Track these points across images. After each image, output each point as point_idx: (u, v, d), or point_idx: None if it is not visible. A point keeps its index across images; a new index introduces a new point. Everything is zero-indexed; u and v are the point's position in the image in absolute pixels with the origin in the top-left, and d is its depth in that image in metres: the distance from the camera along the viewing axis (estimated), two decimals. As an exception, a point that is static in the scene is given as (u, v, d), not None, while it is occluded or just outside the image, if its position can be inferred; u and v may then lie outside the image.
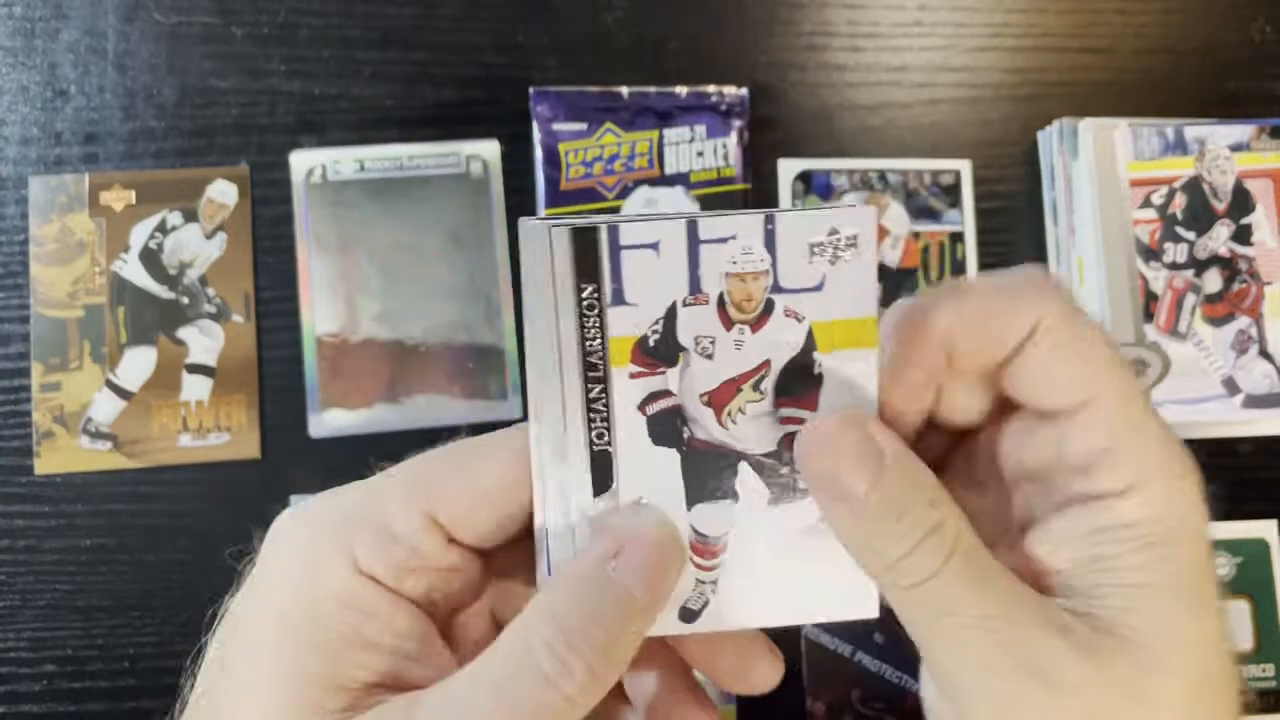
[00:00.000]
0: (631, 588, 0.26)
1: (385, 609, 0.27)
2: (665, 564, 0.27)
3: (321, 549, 0.27)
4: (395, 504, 0.27)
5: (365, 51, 0.56)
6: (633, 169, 0.55)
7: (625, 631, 0.26)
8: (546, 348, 0.27)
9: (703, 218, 0.26)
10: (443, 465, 0.28)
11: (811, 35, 0.58)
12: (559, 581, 0.27)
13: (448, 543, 0.28)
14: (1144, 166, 0.55)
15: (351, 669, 0.26)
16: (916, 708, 0.55)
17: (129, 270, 0.54)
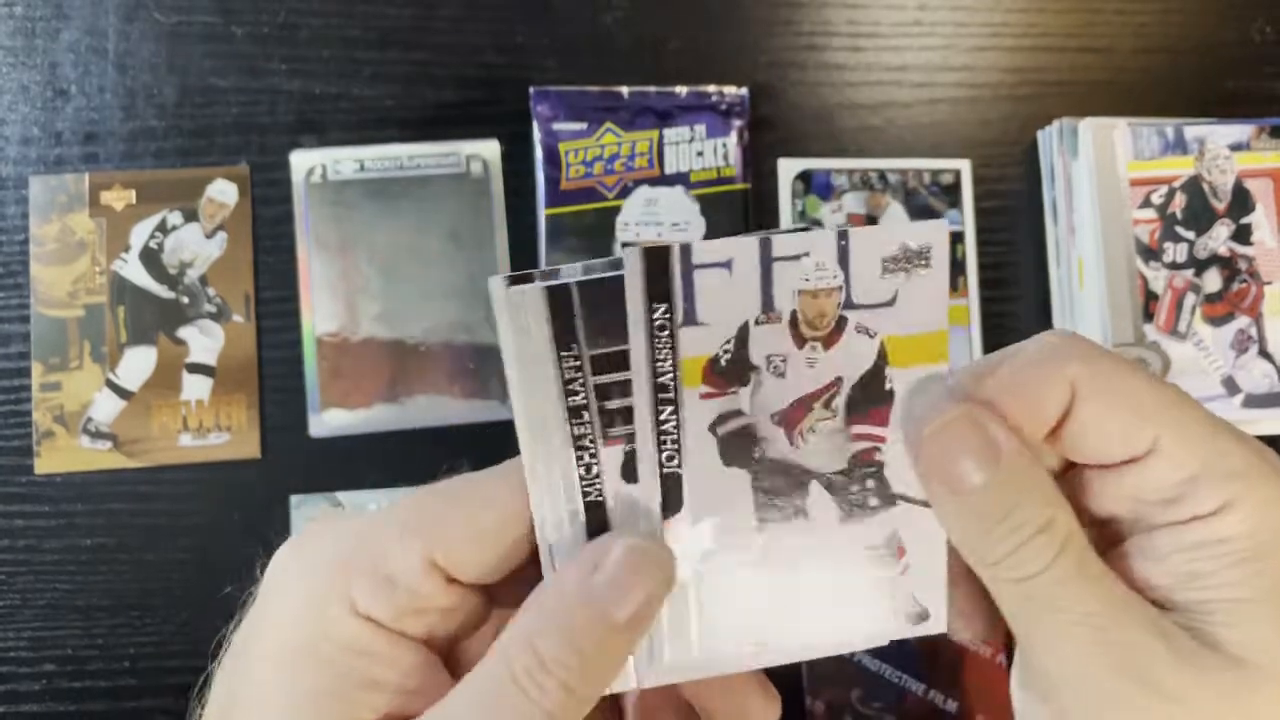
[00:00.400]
0: (609, 606, 0.26)
1: (387, 650, 0.27)
2: (649, 580, 0.26)
3: (321, 591, 0.27)
4: (394, 546, 0.27)
5: (365, 51, 0.56)
6: (633, 169, 0.55)
7: (601, 650, 0.26)
8: (542, 390, 0.26)
9: (776, 235, 0.26)
10: (440, 505, 0.28)
11: (811, 35, 0.58)
12: (538, 599, 0.27)
13: (448, 583, 0.28)
14: (1144, 166, 0.55)
15: (356, 709, 0.26)
16: (916, 708, 0.55)
17: (129, 270, 0.54)
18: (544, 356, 0.26)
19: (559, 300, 0.26)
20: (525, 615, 0.26)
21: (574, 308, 0.26)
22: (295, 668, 0.26)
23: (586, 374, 0.27)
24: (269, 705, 0.26)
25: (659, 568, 0.27)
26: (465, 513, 0.28)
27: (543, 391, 0.27)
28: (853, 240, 0.26)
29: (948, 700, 0.54)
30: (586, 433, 0.27)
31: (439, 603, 0.28)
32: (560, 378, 0.27)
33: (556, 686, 0.25)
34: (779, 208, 0.57)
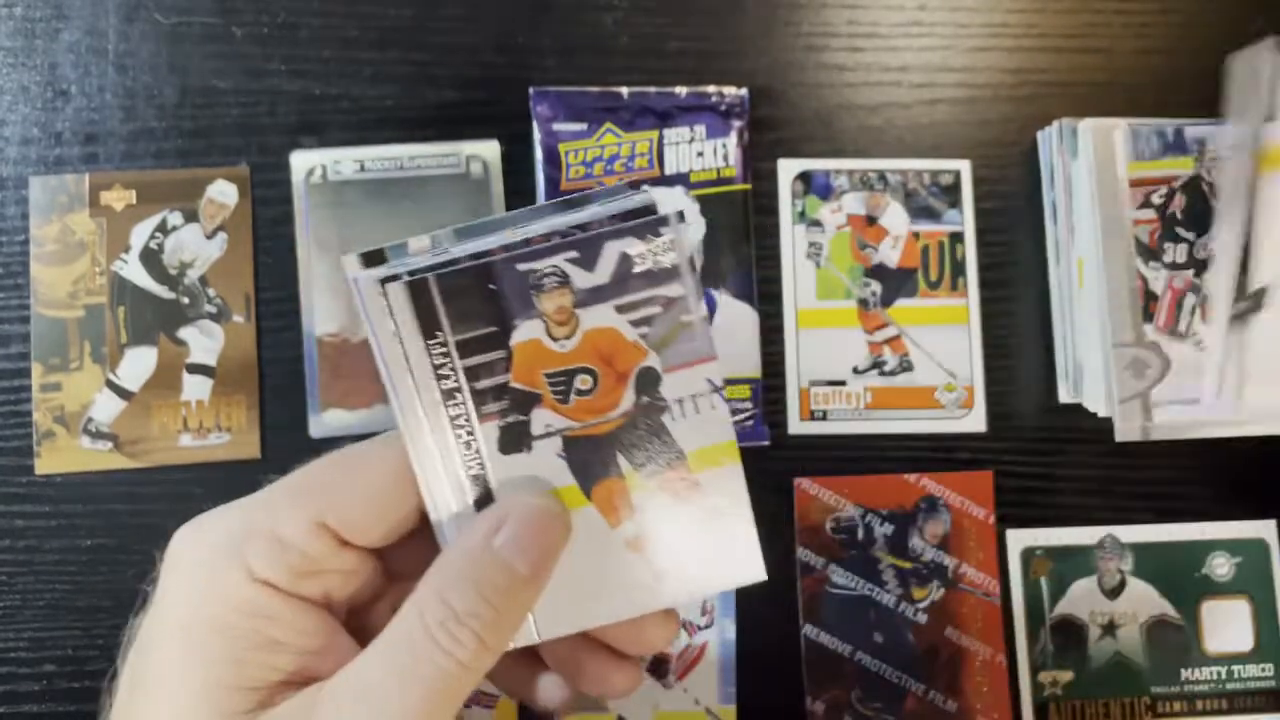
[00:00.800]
0: (513, 561, 0.27)
1: (285, 612, 0.28)
2: (547, 535, 0.28)
3: (216, 562, 0.28)
4: (284, 512, 0.28)
5: (365, 52, 0.56)
6: (633, 169, 0.55)
7: (511, 603, 0.27)
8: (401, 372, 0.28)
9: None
10: (329, 472, 0.29)
11: (811, 35, 0.58)
12: (446, 558, 0.28)
13: (340, 546, 0.29)
14: (1144, 166, 0.55)
15: (259, 670, 0.27)
16: (916, 708, 0.55)
17: (129, 270, 0.54)
18: (414, 344, 0.28)
19: (420, 291, 0.27)
20: (433, 573, 0.27)
21: (434, 297, 0.27)
22: (193, 639, 0.27)
23: (454, 358, 0.28)
24: (169, 679, 0.27)
25: (558, 522, 0.28)
26: (352, 476, 0.29)
27: (416, 377, 0.28)
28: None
29: (948, 700, 0.54)
30: (461, 412, 0.28)
31: (332, 564, 0.29)
32: (431, 364, 0.28)
33: (470, 637, 0.26)
34: (779, 208, 0.57)
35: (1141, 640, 0.55)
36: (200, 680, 0.27)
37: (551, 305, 0.28)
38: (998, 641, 0.55)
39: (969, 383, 0.56)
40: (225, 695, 0.27)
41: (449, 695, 0.26)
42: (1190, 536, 0.56)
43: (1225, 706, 0.55)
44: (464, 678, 0.26)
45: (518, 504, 0.28)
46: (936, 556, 0.55)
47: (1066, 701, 0.55)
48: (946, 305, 0.57)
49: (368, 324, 0.28)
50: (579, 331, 0.28)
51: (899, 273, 0.57)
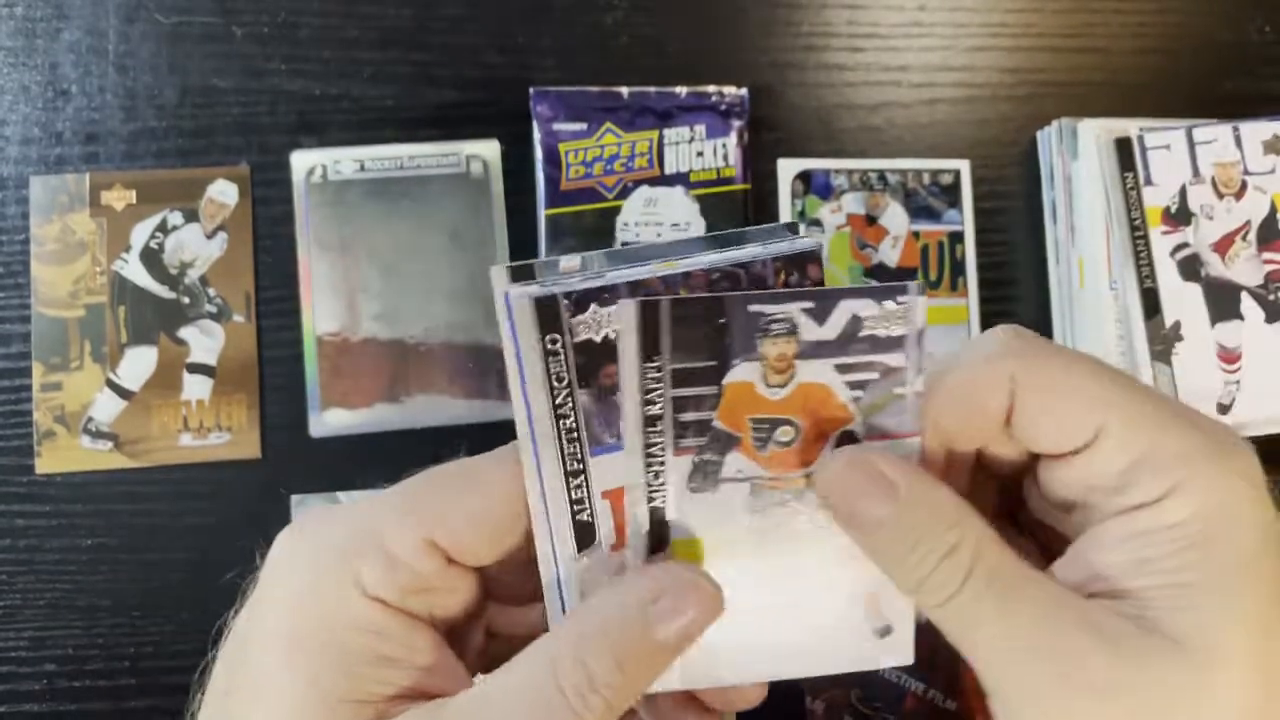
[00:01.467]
0: (663, 635, 0.26)
1: (395, 628, 0.27)
2: (703, 615, 0.27)
3: (326, 573, 0.27)
4: (395, 528, 0.28)
5: (366, 51, 0.56)
6: (633, 169, 0.55)
7: (648, 674, 0.27)
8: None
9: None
10: (438, 488, 0.29)
11: (811, 35, 0.58)
12: (591, 615, 0.27)
13: (447, 564, 0.28)
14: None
15: (371, 684, 0.27)
16: (916, 708, 0.55)
17: (130, 270, 0.54)
18: (538, 360, 0.27)
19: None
20: (575, 626, 0.27)
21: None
22: (302, 648, 0.27)
23: (667, 385, 0.27)
24: (276, 686, 0.27)
25: (714, 603, 0.27)
26: (462, 495, 0.28)
27: (540, 395, 0.27)
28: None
29: (948, 700, 0.54)
30: (660, 442, 0.27)
31: (439, 583, 0.28)
32: (640, 387, 0.27)
33: (600, 703, 0.26)
34: (779, 208, 0.57)
35: (1141, 640, 0.55)
36: (310, 690, 0.26)
37: (775, 351, 0.27)
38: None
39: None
40: (336, 707, 0.26)
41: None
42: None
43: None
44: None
45: (678, 577, 0.27)
46: (936, 556, 0.55)
47: (1066, 701, 0.55)
48: (946, 305, 0.57)
49: (517, 342, 0.27)
50: (793, 382, 0.27)
51: (899, 273, 0.57)
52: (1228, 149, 0.51)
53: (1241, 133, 0.53)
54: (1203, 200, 0.52)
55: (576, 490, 0.28)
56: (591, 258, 0.28)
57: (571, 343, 0.27)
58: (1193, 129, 0.55)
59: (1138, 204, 0.48)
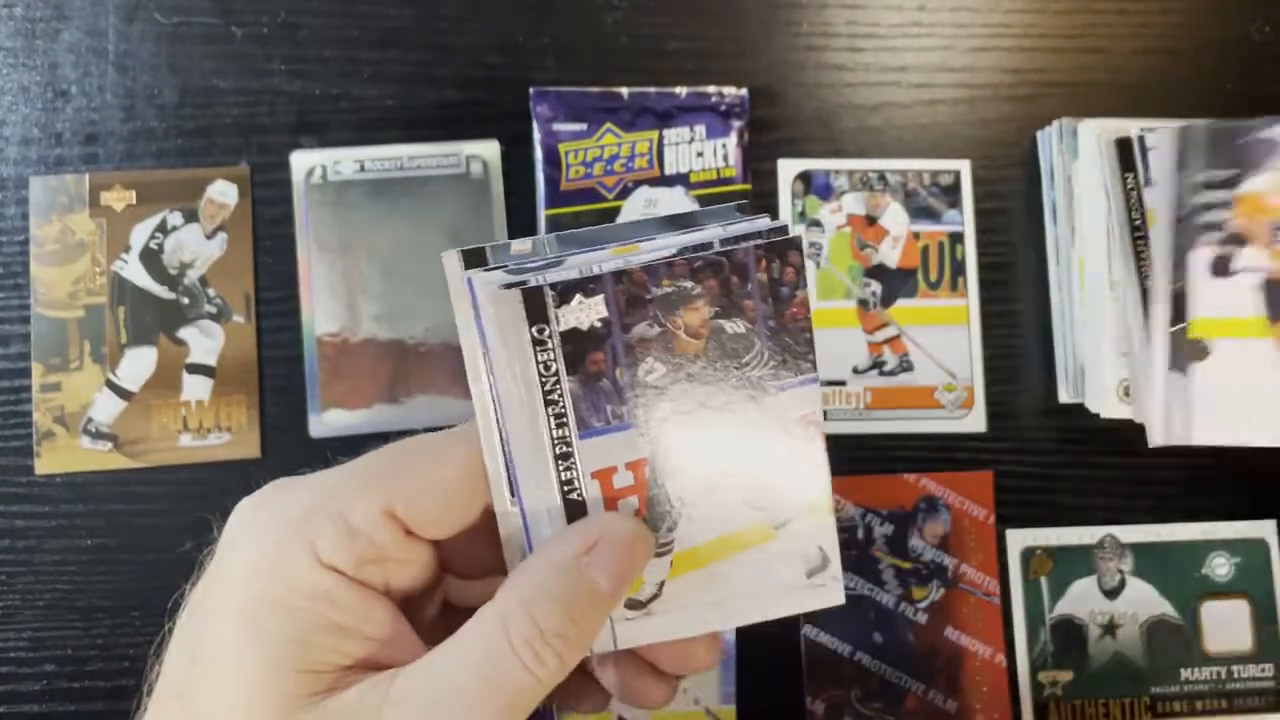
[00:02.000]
0: (602, 583, 0.27)
1: (350, 598, 0.28)
2: (637, 560, 0.28)
3: (283, 542, 0.28)
4: (354, 498, 0.28)
5: (366, 51, 0.56)
6: (633, 169, 0.55)
7: (595, 624, 0.28)
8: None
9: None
10: (400, 461, 0.29)
11: (811, 35, 0.58)
12: (533, 573, 0.28)
13: (406, 536, 0.29)
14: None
15: (325, 654, 0.27)
16: (916, 708, 0.55)
17: (129, 270, 0.54)
18: (522, 349, 0.28)
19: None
20: (520, 584, 0.28)
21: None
22: (257, 618, 0.27)
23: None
24: (232, 657, 0.27)
25: (646, 546, 0.29)
26: (423, 468, 0.29)
27: (520, 380, 0.28)
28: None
29: (948, 700, 0.54)
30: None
31: (397, 554, 0.29)
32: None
33: (553, 656, 0.26)
34: (779, 208, 0.57)
35: (1141, 640, 0.55)
36: (265, 660, 0.27)
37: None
38: (998, 641, 0.55)
39: (969, 383, 0.56)
40: (290, 676, 0.27)
41: (524, 707, 0.27)
42: (1190, 536, 0.56)
43: (1225, 706, 0.55)
44: (539, 691, 0.27)
45: (612, 526, 0.28)
46: (936, 556, 0.55)
47: (1066, 701, 0.55)
48: (946, 305, 0.57)
49: (479, 320, 0.28)
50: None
51: (899, 273, 0.57)
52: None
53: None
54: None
55: (566, 472, 0.29)
56: (542, 240, 0.29)
57: (559, 331, 0.28)
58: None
59: (1138, 204, 0.48)
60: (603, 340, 0.28)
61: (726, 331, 0.29)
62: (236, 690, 0.26)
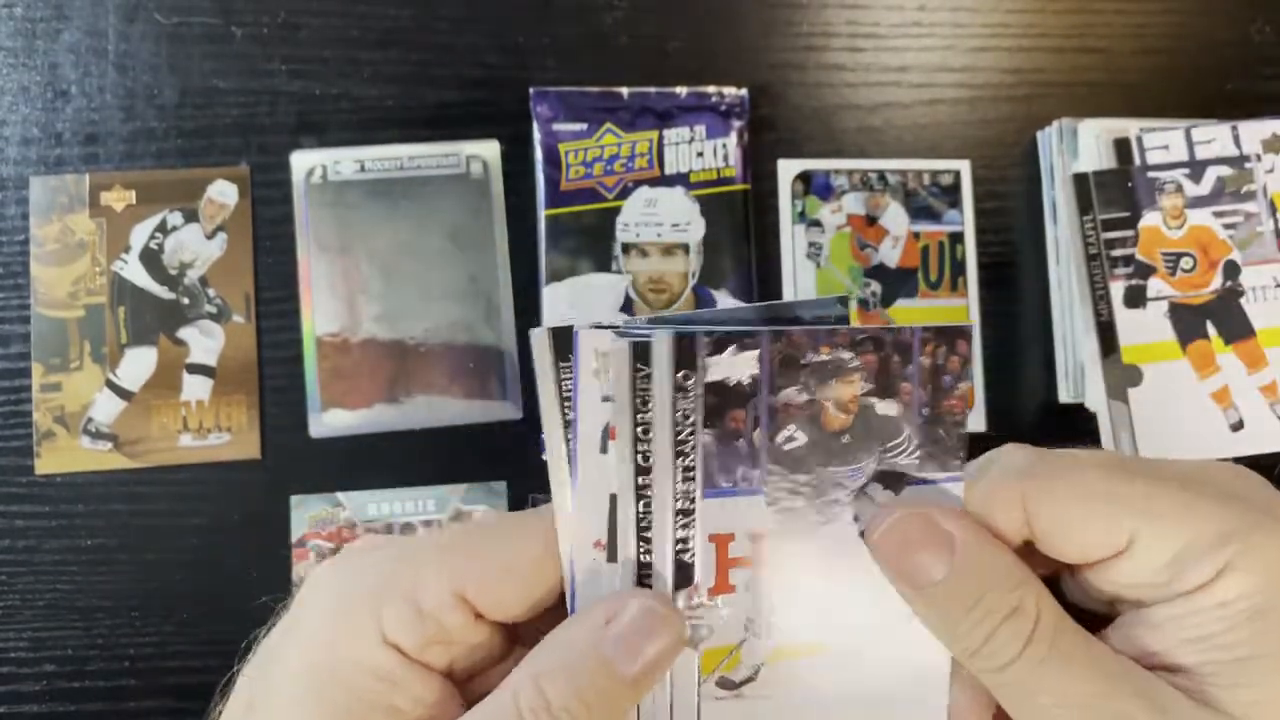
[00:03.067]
0: (618, 663, 0.26)
1: (408, 678, 0.27)
2: (659, 642, 0.26)
3: (351, 614, 0.28)
4: (426, 578, 0.28)
5: (366, 52, 0.56)
6: (633, 169, 0.55)
7: (606, 703, 0.26)
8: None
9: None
10: (475, 541, 0.29)
11: (811, 35, 0.58)
12: (550, 642, 0.27)
13: (474, 619, 0.28)
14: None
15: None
16: (916, 707, 0.55)
17: (129, 270, 0.54)
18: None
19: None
20: (536, 654, 0.27)
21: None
22: (317, 685, 0.27)
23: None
24: (287, 714, 0.27)
25: (671, 630, 0.27)
26: (498, 551, 0.28)
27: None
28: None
29: (947, 700, 0.54)
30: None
31: (464, 637, 0.28)
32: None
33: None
34: (779, 208, 0.57)
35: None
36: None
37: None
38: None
39: (969, 383, 0.56)
40: None
41: None
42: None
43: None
44: None
45: (635, 601, 0.27)
46: (936, 556, 0.55)
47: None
48: (946, 305, 0.57)
49: (575, 376, 0.27)
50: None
51: (899, 273, 0.57)
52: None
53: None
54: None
55: (682, 529, 0.27)
56: (634, 321, 0.27)
57: (704, 380, 0.26)
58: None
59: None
60: (747, 399, 0.27)
61: (876, 412, 0.27)
62: None
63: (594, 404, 0.27)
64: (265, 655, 0.29)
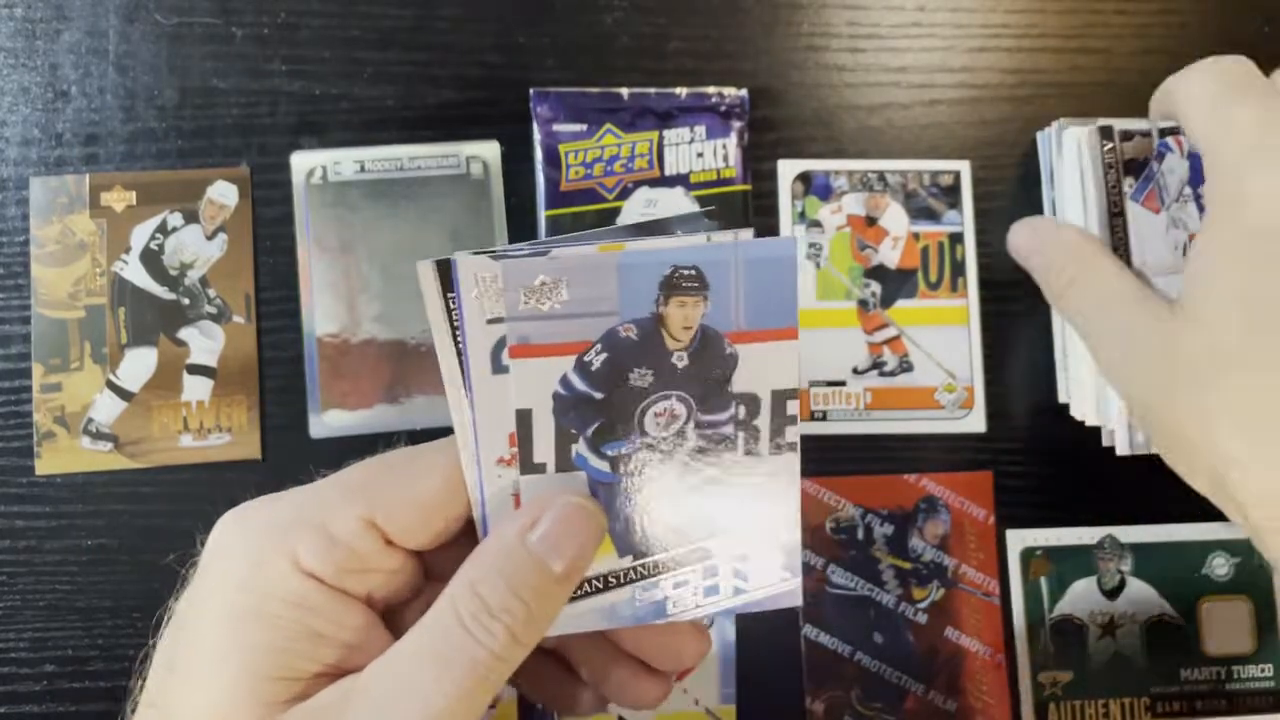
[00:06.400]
0: (546, 558, 0.28)
1: (328, 605, 0.28)
2: (582, 535, 0.28)
3: (264, 550, 0.28)
4: (335, 508, 0.29)
5: (366, 52, 0.56)
6: (633, 170, 0.55)
7: (541, 599, 0.28)
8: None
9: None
10: (382, 473, 0.30)
11: (811, 36, 0.58)
12: (480, 551, 0.28)
13: (386, 545, 0.29)
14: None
15: (298, 661, 0.27)
16: (916, 708, 0.55)
17: (130, 271, 0.54)
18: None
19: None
20: (468, 565, 0.28)
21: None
22: (236, 626, 0.27)
23: None
24: (210, 664, 0.27)
25: (592, 521, 0.29)
26: (404, 480, 0.29)
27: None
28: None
29: (948, 700, 0.54)
30: None
31: (377, 564, 0.29)
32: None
33: (502, 630, 0.27)
34: (779, 208, 0.57)
35: (1141, 640, 0.55)
36: (240, 666, 0.27)
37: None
38: (998, 642, 0.55)
39: (969, 383, 0.56)
40: (264, 684, 0.27)
41: (483, 684, 0.26)
42: (1190, 536, 0.56)
43: (1225, 707, 0.55)
44: (497, 668, 0.27)
45: (554, 501, 0.28)
46: (936, 557, 0.55)
47: (1066, 701, 0.55)
48: (946, 306, 0.57)
49: (452, 304, 0.28)
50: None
51: (899, 273, 0.57)
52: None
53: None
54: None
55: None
56: (513, 247, 0.29)
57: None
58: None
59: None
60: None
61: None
62: (211, 697, 0.27)
63: (479, 327, 0.28)
64: (180, 614, 0.29)
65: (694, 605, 0.31)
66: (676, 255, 0.29)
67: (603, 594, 0.30)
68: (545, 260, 0.28)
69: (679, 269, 0.28)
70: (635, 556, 0.30)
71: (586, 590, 0.30)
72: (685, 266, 0.28)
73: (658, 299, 0.29)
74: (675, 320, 0.29)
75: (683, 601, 0.31)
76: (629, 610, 0.31)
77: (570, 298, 0.28)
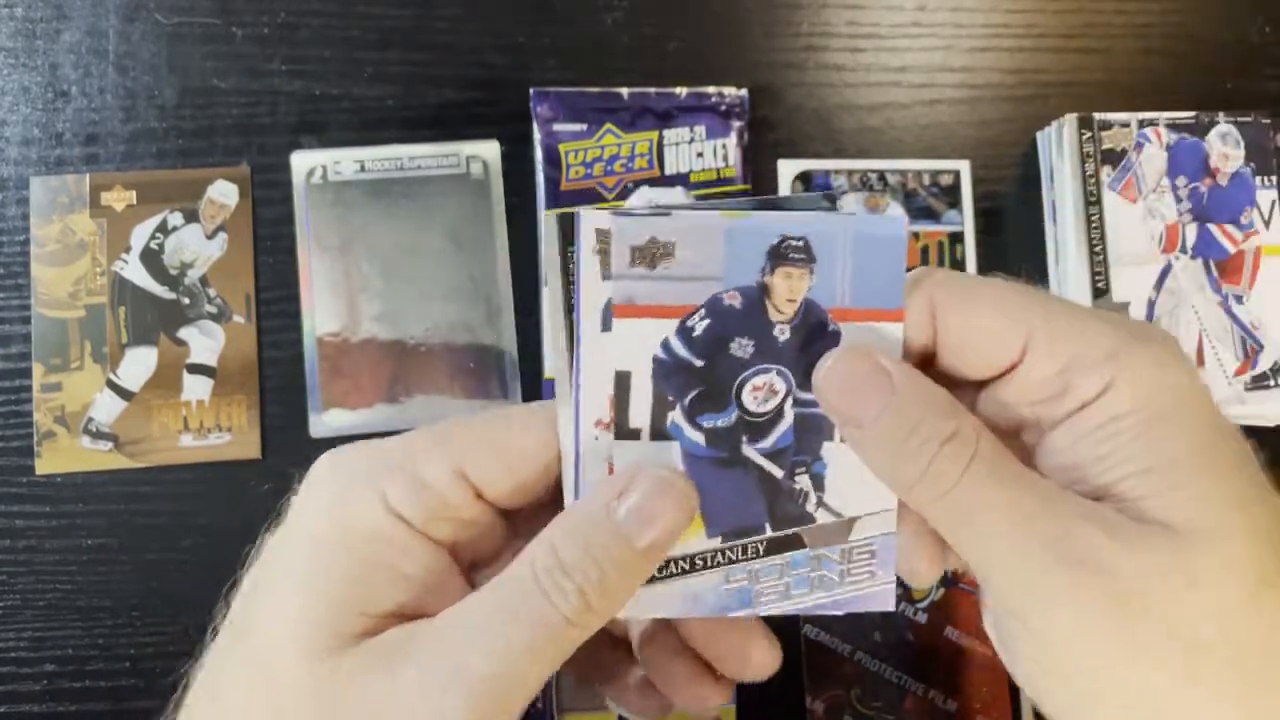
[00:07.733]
0: (629, 531, 0.27)
1: (412, 546, 0.28)
2: (669, 513, 0.28)
3: (355, 487, 0.29)
4: (428, 455, 0.29)
5: (366, 52, 0.56)
6: (633, 169, 0.55)
7: (620, 570, 0.27)
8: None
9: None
10: (476, 427, 0.30)
11: (811, 36, 0.58)
12: (565, 516, 0.28)
13: (475, 498, 0.29)
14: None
15: (377, 595, 0.28)
16: (916, 708, 0.55)
17: (130, 270, 0.54)
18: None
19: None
20: (551, 526, 0.28)
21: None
22: (321, 554, 0.28)
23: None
24: (290, 585, 0.28)
25: (683, 501, 0.28)
26: (496, 435, 0.29)
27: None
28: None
29: (948, 700, 0.54)
30: None
31: (465, 513, 0.29)
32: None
33: (574, 591, 0.26)
34: (779, 208, 0.57)
35: (1141, 640, 0.55)
36: (318, 592, 0.27)
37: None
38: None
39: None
40: (339, 612, 0.27)
41: (552, 644, 0.26)
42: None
43: (1225, 706, 0.55)
44: (567, 631, 0.26)
45: (647, 474, 0.28)
46: (936, 556, 0.55)
47: (1066, 701, 0.55)
48: (946, 305, 0.57)
49: (576, 261, 0.28)
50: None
51: (899, 273, 0.57)
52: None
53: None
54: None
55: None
56: (639, 207, 0.30)
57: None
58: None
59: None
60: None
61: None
62: (286, 620, 0.27)
63: (594, 283, 0.28)
64: (269, 544, 0.29)
65: (782, 598, 0.30)
66: (786, 225, 0.28)
67: (687, 576, 0.29)
68: (659, 220, 0.28)
69: (787, 238, 0.28)
70: (725, 538, 0.30)
71: (671, 571, 0.29)
72: (794, 236, 0.28)
73: (764, 268, 0.28)
74: (780, 291, 0.28)
75: (769, 593, 0.30)
76: (713, 598, 0.30)
77: (679, 259, 0.28)
